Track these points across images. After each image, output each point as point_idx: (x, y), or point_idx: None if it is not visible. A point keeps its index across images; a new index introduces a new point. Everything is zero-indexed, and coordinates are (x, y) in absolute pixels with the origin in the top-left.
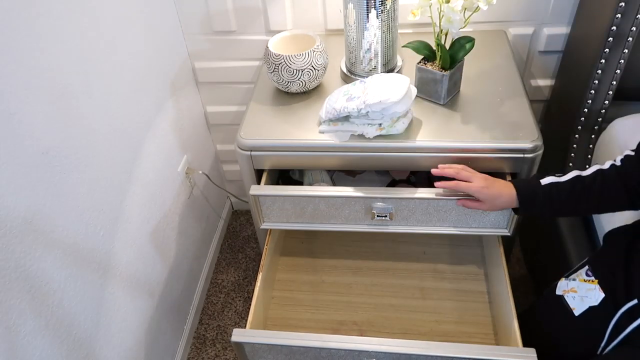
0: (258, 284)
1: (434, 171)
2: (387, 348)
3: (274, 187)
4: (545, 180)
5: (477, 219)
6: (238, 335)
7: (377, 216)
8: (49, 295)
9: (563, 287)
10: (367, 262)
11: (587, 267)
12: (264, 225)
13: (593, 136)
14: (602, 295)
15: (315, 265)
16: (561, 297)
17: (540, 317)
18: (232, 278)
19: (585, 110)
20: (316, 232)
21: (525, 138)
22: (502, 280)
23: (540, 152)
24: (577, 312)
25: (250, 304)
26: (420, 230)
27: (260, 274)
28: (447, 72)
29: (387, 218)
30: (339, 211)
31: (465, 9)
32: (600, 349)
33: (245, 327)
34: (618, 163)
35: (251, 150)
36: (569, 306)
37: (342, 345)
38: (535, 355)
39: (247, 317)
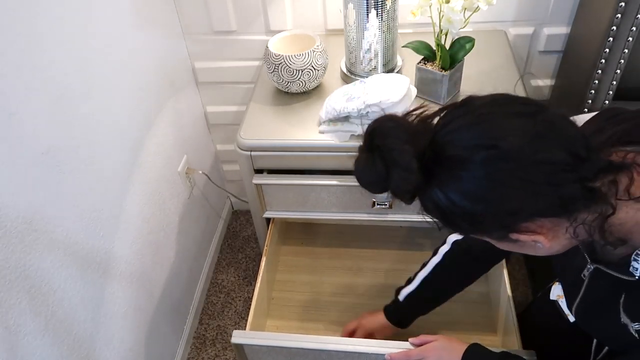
0: (258, 285)
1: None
2: (387, 350)
3: (276, 176)
4: (402, 296)
5: None
6: (238, 336)
7: (377, 204)
8: (49, 295)
9: (557, 292)
10: (367, 263)
11: None
12: (266, 214)
13: None
14: None
15: (315, 265)
16: (556, 302)
17: (537, 319)
18: (232, 278)
19: (586, 110)
20: (316, 233)
21: None
22: (502, 281)
23: None
24: (572, 319)
25: (250, 304)
26: (419, 219)
27: (260, 274)
28: (447, 72)
29: (387, 206)
30: (340, 200)
31: (465, 9)
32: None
33: (245, 327)
34: (448, 247)
35: (251, 150)
36: (564, 313)
37: (342, 347)
38: (535, 356)
39: (247, 317)
